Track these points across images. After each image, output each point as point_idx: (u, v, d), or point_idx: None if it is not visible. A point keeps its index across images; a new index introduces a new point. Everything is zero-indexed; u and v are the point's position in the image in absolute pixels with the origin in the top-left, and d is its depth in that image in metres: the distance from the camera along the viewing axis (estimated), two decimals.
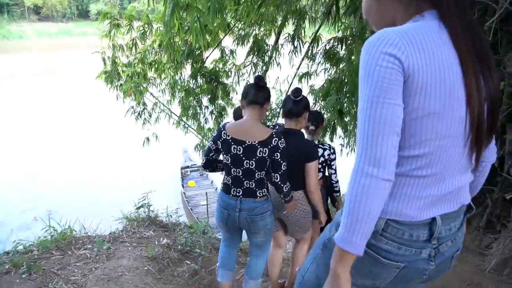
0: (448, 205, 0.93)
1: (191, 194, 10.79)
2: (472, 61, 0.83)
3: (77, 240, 3.06)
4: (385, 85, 0.80)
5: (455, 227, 0.96)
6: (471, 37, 0.85)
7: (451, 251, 0.98)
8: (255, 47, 4.81)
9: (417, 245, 0.91)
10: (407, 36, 0.81)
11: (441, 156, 0.86)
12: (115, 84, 6.20)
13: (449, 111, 0.83)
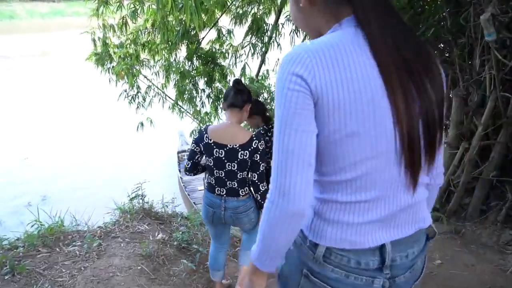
0: (399, 229, 0.83)
1: (188, 179, 10.59)
2: (398, 72, 0.72)
3: (66, 236, 2.86)
4: (293, 111, 0.73)
5: (413, 254, 0.86)
6: (396, 44, 0.74)
7: (409, 283, 0.89)
8: (254, 27, 4.51)
9: (367, 273, 0.82)
10: (318, 52, 0.72)
11: (376, 177, 0.77)
12: (106, 67, 5.90)
13: (373, 129, 0.73)
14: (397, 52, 0.73)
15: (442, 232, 2.81)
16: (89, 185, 10.02)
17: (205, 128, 2.14)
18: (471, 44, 2.78)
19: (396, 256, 0.83)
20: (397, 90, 0.72)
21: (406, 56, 0.74)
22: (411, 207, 0.83)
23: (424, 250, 0.89)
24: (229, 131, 2.09)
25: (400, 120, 0.72)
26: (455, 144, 2.88)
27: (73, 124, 14.12)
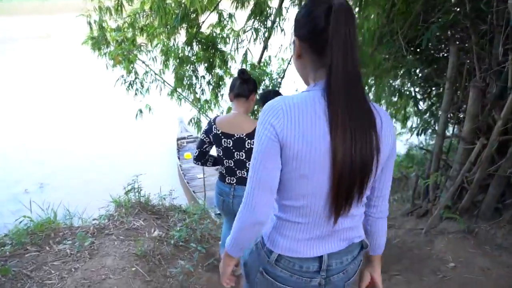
0: (334, 245, 1.10)
1: (187, 166, 10.45)
2: (343, 137, 0.92)
3: (56, 233, 2.71)
4: (264, 151, 0.96)
5: (347, 260, 1.13)
6: (349, 111, 0.93)
7: (342, 280, 1.16)
8: (257, 10, 4.25)
9: (307, 275, 1.10)
10: (290, 109, 0.95)
11: (312, 208, 1.02)
12: (103, 51, 5.66)
13: (318, 174, 0.96)
14: (349, 119, 0.93)
15: (454, 232, 2.66)
16: (87, 172, 9.87)
17: (213, 119, 2.20)
18: (492, 31, 2.56)
19: (332, 262, 1.10)
20: (338, 151, 0.93)
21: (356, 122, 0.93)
22: (344, 230, 1.09)
23: (358, 257, 1.16)
24: (236, 121, 2.14)
25: (335, 173, 0.95)
26: (470, 138, 2.70)
27: (72, 110, 13.91)
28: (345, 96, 0.93)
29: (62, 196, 7.57)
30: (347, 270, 1.14)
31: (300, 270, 1.08)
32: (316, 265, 1.08)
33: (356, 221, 1.11)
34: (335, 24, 0.91)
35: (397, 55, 3.45)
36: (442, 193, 2.96)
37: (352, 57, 0.93)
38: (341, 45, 0.92)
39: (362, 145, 0.95)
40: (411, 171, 6.28)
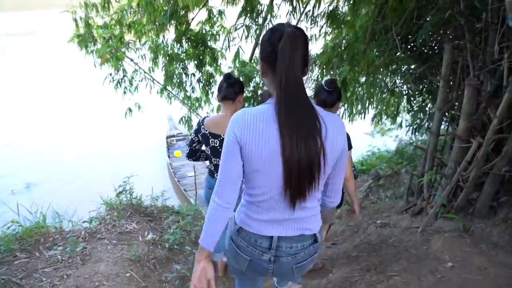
0: (285, 231, 1.33)
1: (177, 165, 10.35)
2: (290, 140, 1.15)
3: (46, 238, 2.62)
4: (228, 151, 1.23)
5: (296, 247, 1.36)
6: (294, 120, 1.15)
7: (290, 264, 1.38)
8: (248, 7, 4.18)
9: (260, 249, 1.36)
10: (247, 119, 1.20)
11: (269, 196, 1.27)
12: (90, 49, 5.52)
13: (269, 169, 1.21)
14: (295, 127, 1.15)
15: (450, 230, 2.67)
16: (75, 171, 9.70)
17: (202, 119, 2.35)
18: (487, 29, 2.56)
19: (282, 244, 1.34)
20: (287, 151, 1.16)
21: (301, 129, 1.15)
22: (297, 219, 1.32)
23: (309, 248, 1.38)
24: (222, 121, 2.25)
25: (286, 167, 1.18)
26: (465, 137, 2.70)
27: (59, 109, 13.62)
28: (289, 108, 1.15)
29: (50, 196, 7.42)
30: (296, 256, 1.37)
31: (254, 243, 1.36)
32: (268, 243, 1.35)
33: (309, 213, 1.33)
34: (282, 49, 1.13)
35: (390, 53, 3.44)
36: (438, 191, 2.97)
37: (294, 76, 1.14)
38: (284, 67, 1.13)
39: (307, 146, 1.16)
40: (401, 167, 6.32)
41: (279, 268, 1.38)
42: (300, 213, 1.30)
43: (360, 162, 7.26)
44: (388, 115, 5.43)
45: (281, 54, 1.13)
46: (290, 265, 1.38)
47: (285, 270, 1.40)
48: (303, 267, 1.42)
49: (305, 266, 1.42)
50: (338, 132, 1.23)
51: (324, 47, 4.53)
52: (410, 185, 3.60)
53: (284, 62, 1.13)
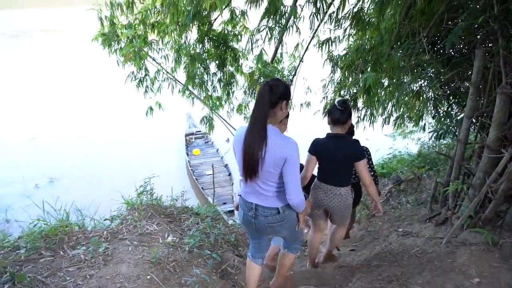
0: (259, 200, 2.14)
1: (196, 163, 10.44)
2: (247, 145, 1.97)
3: (70, 237, 2.68)
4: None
5: (266, 212, 2.15)
6: (252, 136, 1.96)
7: (264, 222, 2.18)
8: (271, 9, 4.15)
9: (247, 208, 2.21)
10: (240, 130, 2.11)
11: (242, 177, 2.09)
12: (113, 48, 5.61)
13: (239, 160, 2.06)
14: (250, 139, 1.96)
15: (477, 243, 2.57)
16: (96, 166, 9.91)
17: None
18: None
19: (258, 208, 2.15)
20: (244, 150, 1.98)
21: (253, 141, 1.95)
22: (260, 193, 2.11)
23: (276, 215, 2.15)
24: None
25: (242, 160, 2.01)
26: (495, 146, 2.59)
27: (82, 105, 13.95)
28: (251, 129, 1.96)
29: (72, 191, 7.64)
30: (267, 217, 2.15)
31: (244, 204, 2.22)
32: (250, 206, 2.17)
33: (266, 192, 2.10)
34: (259, 94, 1.99)
35: (417, 57, 3.34)
36: (464, 201, 2.87)
37: (260, 110, 1.94)
38: (257, 106, 1.97)
39: (254, 151, 1.93)
40: (423, 171, 6.16)
41: (259, 224, 2.18)
42: (260, 189, 2.09)
43: (380, 165, 7.13)
44: (411, 118, 5.30)
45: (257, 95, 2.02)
46: (264, 223, 2.17)
47: (261, 226, 2.20)
48: (273, 228, 2.20)
49: (275, 228, 2.21)
50: (280, 147, 1.94)
51: (347, 49, 4.45)
52: (434, 193, 3.50)
53: (256, 101, 1.99)
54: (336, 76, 5.08)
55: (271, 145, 1.92)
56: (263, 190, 2.07)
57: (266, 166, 1.96)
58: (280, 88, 1.95)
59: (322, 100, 5.57)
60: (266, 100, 1.91)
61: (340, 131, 2.63)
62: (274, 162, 1.95)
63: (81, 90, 15.57)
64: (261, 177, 2.00)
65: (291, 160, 1.95)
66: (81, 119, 12.97)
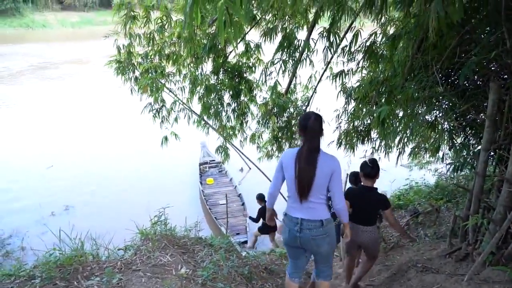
0: (304, 214, 2.48)
1: (209, 192, 10.43)
2: (300, 164, 2.44)
3: (84, 267, 2.68)
4: (277, 169, 2.62)
5: (311, 225, 2.45)
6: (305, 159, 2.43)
7: (309, 234, 2.46)
8: (285, 43, 4.28)
9: (293, 223, 2.52)
10: (287, 153, 2.61)
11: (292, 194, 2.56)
12: (127, 76, 5.79)
13: (291, 181, 2.51)
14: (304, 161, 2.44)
15: (501, 281, 2.46)
16: (112, 195, 10.01)
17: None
18: None
19: (304, 222, 2.47)
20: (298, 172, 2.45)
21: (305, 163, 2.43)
22: (308, 208, 2.47)
23: (320, 228, 2.46)
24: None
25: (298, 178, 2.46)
26: None
27: (99, 134, 14.31)
28: (306, 154, 2.42)
29: (87, 220, 7.70)
30: (311, 230, 2.44)
31: (290, 221, 2.54)
32: (296, 220, 2.49)
33: (313, 205, 2.44)
34: (310, 126, 2.42)
35: (431, 89, 3.35)
36: (485, 237, 2.78)
37: (314, 138, 2.44)
38: (310, 135, 2.43)
39: (308, 173, 2.38)
40: (442, 203, 6.00)
41: (303, 236, 2.47)
42: (309, 204, 2.43)
43: (397, 196, 6.98)
44: (427, 148, 5.24)
45: (310, 128, 2.43)
46: (309, 235, 2.44)
47: (306, 239, 2.47)
48: (316, 241, 2.46)
49: (318, 241, 2.46)
50: (328, 164, 2.41)
51: (360, 81, 4.51)
52: (454, 226, 3.39)
53: (310, 132, 2.43)
54: (349, 107, 5.13)
55: (321, 162, 2.35)
56: (312, 204, 2.41)
57: (317, 181, 2.36)
58: (322, 119, 2.51)
59: (336, 130, 5.60)
60: (318, 128, 2.38)
61: (370, 184, 3.24)
62: (324, 176, 2.36)
63: (100, 119, 16.02)
64: (314, 194, 2.40)
65: (336, 173, 2.39)
66: (98, 148, 13.25)
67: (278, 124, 5.87)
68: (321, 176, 2.35)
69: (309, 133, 2.37)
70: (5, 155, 12.29)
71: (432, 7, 2.43)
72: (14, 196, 9.73)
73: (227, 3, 2.16)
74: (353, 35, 3.93)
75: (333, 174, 2.38)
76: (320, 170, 2.33)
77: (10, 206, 9.24)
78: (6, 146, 12.97)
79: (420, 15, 3.15)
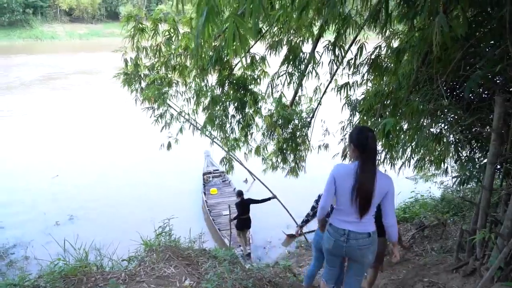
0: (352, 227, 2.53)
1: (213, 202, 10.39)
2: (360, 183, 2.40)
3: (89, 277, 2.68)
4: (327, 186, 2.54)
5: (358, 237, 2.53)
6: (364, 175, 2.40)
7: (356, 245, 2.53)
8: (291, 55, 4.33)
9: (338, 235, 2.57)
10: (340, 169, 2.52)
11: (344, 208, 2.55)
12: (134, 87, 5.87)
13: (347, 196, 2.46)
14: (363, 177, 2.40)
15: None
16: (116, 205, 10.01)
17: None
18: None
19: (351, 234, 2.53)
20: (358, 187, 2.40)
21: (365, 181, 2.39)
22: (358, 222, 2.51)
23: (366, 239, 2.53)
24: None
25: (355, 195, 2.43)
26: None
27: (104, 144, 14.41)
28: (363, 169, 2.38)
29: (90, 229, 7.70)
30: (358, 240, 2.51)
31: (336, 232, 2.58)
32: (342, 232, 2.54)
33: (364, 220, 2.49)
34: (370, 145, 2.38)
35: (436, 102, 3.36)
36: (493, 251, 2.74)
37: (371, 153, 2.40)
38: (368, 153, 2.40)
39: (369, 188, 2.37)
40: (448, 217, 5.95)
41: (349, 246, 2.53)
42: (364, 219, 2.48)
43: (402, 209, 6.93)
44: (432, 161, 5.22)
45: (368, 145, 2.39)
46: (356, 246, 2.52)
47: (352, 249, 2.54)
48: (362, 251, 2.53)
49: (364, 251, 2.53)
50: (384, 183, 2.42)
51: (365, 94, 4.52)
52: (461, 240, 3.36)
53: (367, 149, 2.40)
54: (354, 119, 5.14)
55: (378, 181, 2.38)
56: (364, 219, 2.47)
57: (375, 200, 2.42)
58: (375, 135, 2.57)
59: (341, 142, 5.60)
60: (374, 144, 2.40)
61: None
62: (379, 195, 2.41)
63: (106, 129, 16.15)
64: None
65: (391, 192, 2.46)
66: (103, 158, 13.32)
67: (283, 136, 5.88)
68: (377, 195, 2.39)
69: (368, 152, 2.37)
70: (12, 164, 12.40)
71: (436, 21, 2.46)
72: (19, 205, 9.78)
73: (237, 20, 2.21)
74: (358, 48, 3.97)
75: (388, 193, 2.43)
76: (377, 189, 2.36)
77: (15, 215, 9.28)
78: (13, 156, 13.09)
79: (425, 28, 3.18)
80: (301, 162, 6.31)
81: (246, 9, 2.17)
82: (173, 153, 6.28)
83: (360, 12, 4.05)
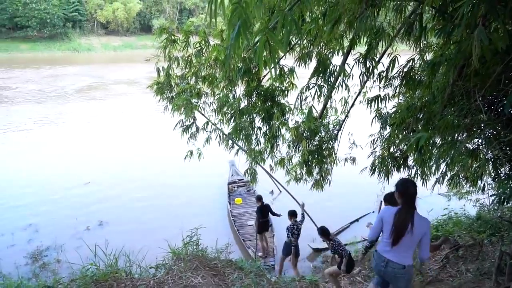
0: (392, 256, 3.13)
1: (237, 212, 10.39)
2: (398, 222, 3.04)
3: (118, 283, 2.74)
4: (376, 224, 3.32)
5: (395, 266, 3.11)
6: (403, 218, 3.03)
7: (392, 272, 3.12)
8: (321, 68, 4.31)
9: (380, 260, 3.22)
10: (387, 211, 3.20)
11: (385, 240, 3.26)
12: (165, 96, 6.03)
13: (388, 231, 3.14)
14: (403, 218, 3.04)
15: None
16: (145, 212, 10.22)
17: None
18: None
19: (390, 262, 3.13)
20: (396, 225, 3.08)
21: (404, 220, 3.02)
22: (397, 254, 3.11)
23: (402, 269, 3.09)
24: None
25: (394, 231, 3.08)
26: None
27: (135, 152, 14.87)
28: (403, 212, 3.00)
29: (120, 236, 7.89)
30: (394, 269, 3.05)
31: (379, 258, 3.17)
32: (383, 259, 3.12)
33: (403, 253, 3.05)
34: (410, 192, 3.00)
35: (473, 117, 3.23)
36: None
37: (412, 201, 3.00)
38: (407, 199, 3.01)
39: (404, 228, 2.97)
40: (484, 237, 5.65)
41: (386, 272, 3.09)
42: (399, 252, 3.00)
43: (434, 227, 6.65)
44: (468, 178, 5.00)
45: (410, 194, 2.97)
46: (393, 273, 3.04)
47: (388, 274, 3.09)
48: (397, 278, 3.08)
49: (398, 278, 3.07)
50: (421, 224, 2.97)
51: (397, 107, 4.42)
52: (500, 263, 3.17)
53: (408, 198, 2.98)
54: (385, 132, 5.02)
55: (416, 223, 2.93)
56: (402, 253, 3.03)
57: (414, 238, 2.95)
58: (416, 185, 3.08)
59: (370, 155, 5.48)
60: (415, 194, 2.94)
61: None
62: (419, 234, 2.95)
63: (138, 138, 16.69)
64: (406, 244, 2.99)
65: (427, 234, 2.99)
66: (134, 166, 13.69)
67: (309, 148, 5.82)
68: (417, 234, 2.94)
69: (408, 197, 2.95)
70: (50, 169, 13.02)
71: (475, 35, 2.38)
72: (52, 209, 10.18)
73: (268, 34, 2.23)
74: (390, 61, 3.90)
75: (425, 234, 2.99)
76: (415, 229, 2.92)
77: (49, 218, 9.67)
78: (52, 161, 13.73)
79: (462, 41, 3.08)
80: (327, 175, 6.21)
81: (278, 23, 2.19)
82: (202, 163, 6.36)
83: (393, 25, 3.99)
